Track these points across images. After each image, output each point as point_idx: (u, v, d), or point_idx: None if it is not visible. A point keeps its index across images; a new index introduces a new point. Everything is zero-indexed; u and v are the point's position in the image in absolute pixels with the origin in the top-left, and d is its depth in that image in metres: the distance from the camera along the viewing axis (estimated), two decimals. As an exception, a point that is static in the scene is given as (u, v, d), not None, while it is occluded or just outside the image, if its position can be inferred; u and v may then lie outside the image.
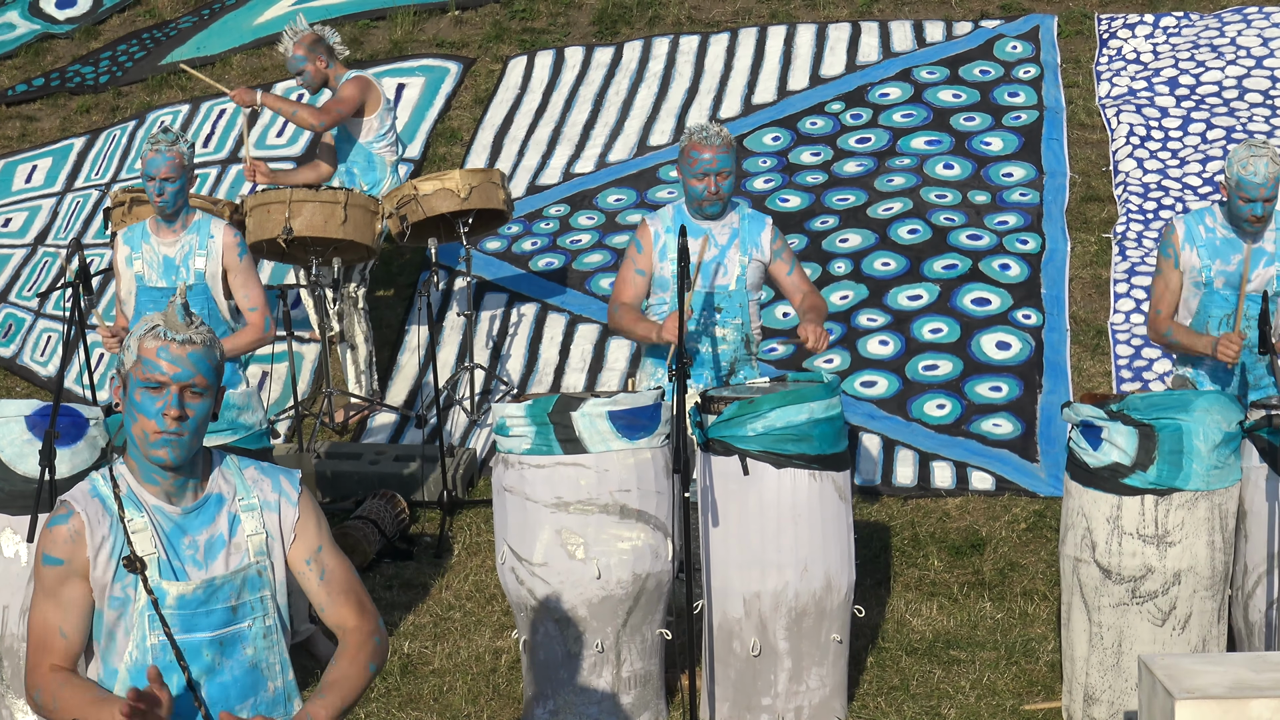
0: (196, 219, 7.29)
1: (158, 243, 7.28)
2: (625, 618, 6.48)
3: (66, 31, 14.15)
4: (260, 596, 3.94)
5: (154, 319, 3.84)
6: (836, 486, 6.48)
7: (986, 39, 12.36)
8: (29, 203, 12.05)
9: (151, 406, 3.80)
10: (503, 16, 13.53)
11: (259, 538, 3.94)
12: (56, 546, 3.82)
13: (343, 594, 4.01)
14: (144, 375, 3.80)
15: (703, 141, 6.91)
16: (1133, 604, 6.28)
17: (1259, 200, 6.72)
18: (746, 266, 7.04)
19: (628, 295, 7.07)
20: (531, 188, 11.44)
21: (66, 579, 3.82)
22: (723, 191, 6.96)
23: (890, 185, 10.80)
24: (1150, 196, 10.57)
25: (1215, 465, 6.20)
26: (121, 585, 3.83)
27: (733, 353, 7.07)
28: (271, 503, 3.98)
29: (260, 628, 3.94)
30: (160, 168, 7.13)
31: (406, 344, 10.20)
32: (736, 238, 7.05)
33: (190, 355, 3.81)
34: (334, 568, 4.02)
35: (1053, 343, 9.47)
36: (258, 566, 3.93)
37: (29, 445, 6.44)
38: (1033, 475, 8.55)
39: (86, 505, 3.84)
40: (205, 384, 3.83)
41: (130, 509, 3.85)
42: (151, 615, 3.82)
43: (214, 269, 7.23)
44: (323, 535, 4.02)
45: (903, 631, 7.33)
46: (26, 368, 10.41)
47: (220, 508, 3.94)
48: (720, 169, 6.92)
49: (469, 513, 8.61)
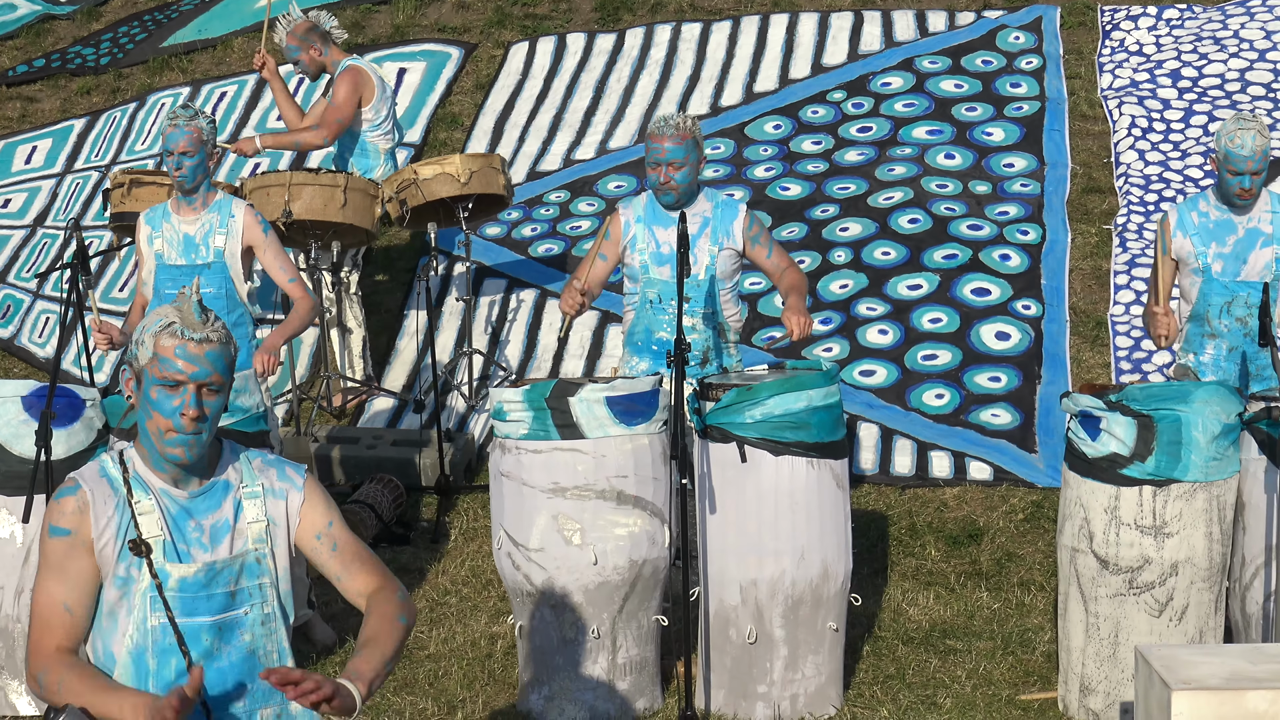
0: (218, 198, 7.32)
1: (178, 221, 7.29)
2: (621, 604, 6.47)
3: (68, 13, 14.13)
4: (259, 584, 3.93)
5: (169, 315, 3.81)
6: (834, 475, 6.47)
7: (989, 29, 12.34)
8: (29, 184, 12.03)
9: (168, 405, 3.79)
10: (505, 2, 13.51)
11: (259, 525, 3.93)
12: (64, 517, 3.80)
13: (357, 561, 4.00)
14: (161, 373, 3.78)
15: (658, 131, 6.98)
16: (1130, 595, 6.27)
17: (1246, 173, 6.78)
18: (716, 256, 7.03)
19: (581, 273, 7.12)
20: (532, 174, 11.43)
21: (73, 550, 3.79)
22: (675, 182, 6.97)
23: (891, 174, 10.78)
24: (1151, 189, 10.55)
25: (1214, 457, 6.19)
26: (125, 565, 3.82)
27: (704, 342, 7.06)
28: (277, 490, 3.97)
29: (258, 614, 3.93)
30: (179, 142, 7.15)
31: (405, 329, 10.18)
32: (707, 227, 7.05)
33: (208, 354, 3.80)
34: (345, 540, 4.01)
35: (1052, 334, 9.46)
36: (257, 554, 3.92)
37: (25, 426, 6.44)
38: (1031, 466, 8.54)
39: (94, 484, 3.84)
40: (221, 381, 3.83)
41: (138, 491, 3.85)
42: (154, 597, 3.81)
43: (233, 247, 7.25)
44: (332, 513, 4.02)
45: (899, 621, 7.32)
46: (24, 349, 10.40)
47: (227, 494, 3.93)
48: (671, 159, 6.94)
49: (466, 498, 8.60)
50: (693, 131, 6.98)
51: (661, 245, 7.05)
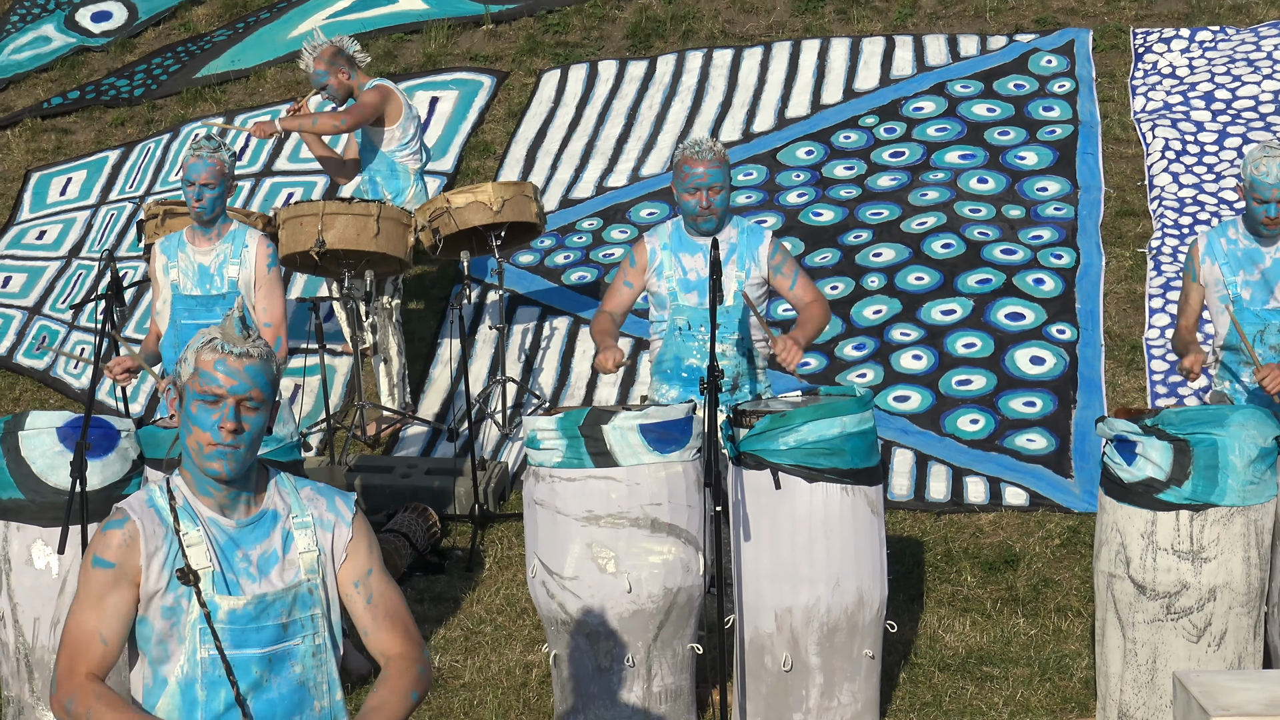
0: (233, 229, 7.34)
1: (193, 251, 7.32)
2: (656, 632, 6.45)
3: (102, 45, 14.20)
4: (311, 614, 3.92)
5: (211, 332, 3.84)
6: (869, 501, 6.45)
7: (1021, 53, 12.32)
8: (64, 215, 12.09)
9: (207, 419, 3.80)
10: (536, 30, 13.54)
11: (311, 555, 3.93)
12: (110, 550, 3.80)
13: (388, 619, 3.99)
14: (200, 388, 3.80)
15: (694, 156, 6.95)
16: (1168, 620, 6.23)
17: (1272, 201, 6.77)
18: (743, 283, 7.02)
19: (611, 304, 7.16)
20: (564, 201, 11.44)
21: (115, 584, 3.79)
22: (714, 206, 6.97)
23: (924, 199, 10.76)
24: (1185, 211, 10.52)
25: (1251, 481, 6.16)
26: (175, 595, 3.82)
27: (734, 368, 7.04)
28: (326, 522, 3.97)
29: (310, 645, 3.92)
30: (200, 173, 7.18)
31: (439, 357, 10.20)
32: (734, 253, 7.04)
33: (247, 368, 3.81)
34: (382, 592, 3.99)
35: (1087, 358, 9.42)
36: (309, 584, 3.92)
37: (60, 457, 6.45)
38: (1067, 491, 8.51)
39: (142, 515, 3.84)
40: (261, 398, 3.84)
41: (185, 521, 3.85)
42: (203, 628, 3.82)
43: (247, 277, 7.27)
44: (373, 559, 4.00)
45: (935, 647, 7.29)
46: (60, 380, 10.44)
47: (275, 524, 3.93)
48: (712, 183, 6.94)
49: (500, 526, 8.60)
50: (725, 155, 7.00)
51: (689, 272, 7.05)
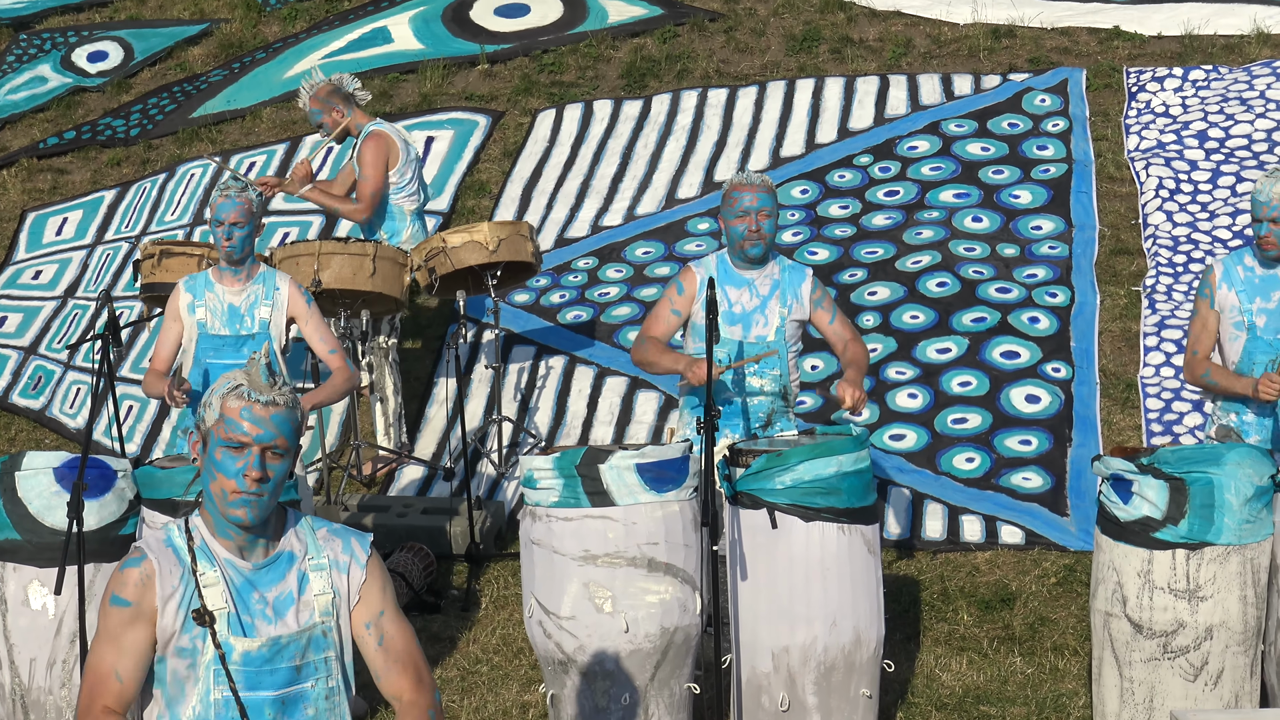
0: (261, 270, 7.44)
1: (223, 290, 7.38)
2: (653, 672, 6.45)
3: (98, 85, 14.23)
4: (325, 657, 3.93)
5: (237, 378, 3.84)
6: (865, 540, 6.45)
7: (1015, 92, 12.36)
8: (60, 255, 12.09)
9: (232, 466, 3.81)
10: (531, 70, 13.58)
11: (326, 597, 3.93)
12: (127, 589, 3.81)
13: (400, 663, 3.99)
14: (226, 434, 3.81)
15: (743, 182, 7.08)
16: (1164, 659, 6.23)
17: (1265, 220, 6.76)
18: (786, 318, 7.09)
19: (658, 330, 7.14)
20: (560, 240, 11.46)
21: (132, 622, 3.80)
22: (764, 231, 7.05)
23: (919, 238, 10.79)
24: (1180, 250, 10.54)
25: (1247, 519, 6.17)
26: (190, 636, 3.83)
27: (770, 404, 7.08)
28: (341, 563, 3.97)
29: (323, 688, 3.93)
30: (229, 212, 7.27)
31: (434, 396, 10.20)
32: (777, 289, 7.12)
33: (274, 417, 3.82)
34: (394, 635, 4.00)
35: (1082, 396, 9.44)
36: (323, 626, 3.93)
37: (57, 497, 6.45)
38: (1063, 529, 8.51)
39: (160, 554, 3.85)
40: (286, 445, 3.84)
41: (203, 562, 3.86)
42: (217, 670, 3.83)
43: (278, 319, 7.39)
44: (386, 601, 4.00)
45: (932, 686, 7.28)
46: (56, 420, 10.43)
47: (291, 565, 3.94)
48: (761, 208, 7.04)
49: (496, 566, 8.59)
50: (771, 185, 7.10)
51: (734, 305, 7.10)
